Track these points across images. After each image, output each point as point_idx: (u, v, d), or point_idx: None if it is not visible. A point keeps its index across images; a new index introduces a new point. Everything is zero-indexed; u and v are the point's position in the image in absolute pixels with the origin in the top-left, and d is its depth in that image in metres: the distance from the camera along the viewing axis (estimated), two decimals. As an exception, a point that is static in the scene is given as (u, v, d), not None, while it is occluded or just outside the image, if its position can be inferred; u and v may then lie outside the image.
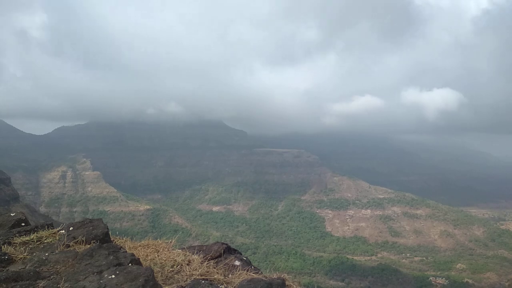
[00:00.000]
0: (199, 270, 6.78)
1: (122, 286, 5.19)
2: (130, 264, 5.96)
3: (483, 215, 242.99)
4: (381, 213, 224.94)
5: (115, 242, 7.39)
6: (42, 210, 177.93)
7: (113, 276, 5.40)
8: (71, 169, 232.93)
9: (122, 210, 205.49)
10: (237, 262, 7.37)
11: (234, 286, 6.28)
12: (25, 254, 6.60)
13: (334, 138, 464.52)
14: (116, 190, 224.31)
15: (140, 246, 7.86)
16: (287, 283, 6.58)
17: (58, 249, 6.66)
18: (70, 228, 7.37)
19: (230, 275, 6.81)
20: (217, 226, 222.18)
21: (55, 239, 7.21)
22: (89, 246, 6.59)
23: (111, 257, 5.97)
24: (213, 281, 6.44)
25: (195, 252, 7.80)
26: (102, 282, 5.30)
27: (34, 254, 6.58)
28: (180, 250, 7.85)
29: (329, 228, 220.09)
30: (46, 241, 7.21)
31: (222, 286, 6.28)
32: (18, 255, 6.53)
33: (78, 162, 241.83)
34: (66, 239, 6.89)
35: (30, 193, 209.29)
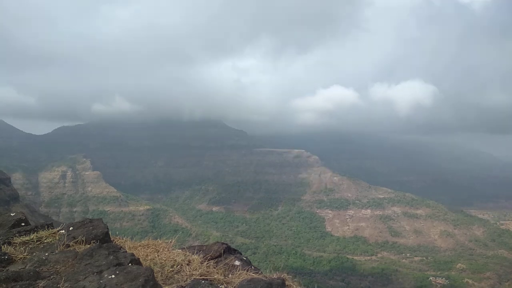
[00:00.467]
0: (199, 270, 6.78)
1: (122, 286, 5.19)
2: (130, 264, 5.96)
3: (483, 215, 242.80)
4: (381, 213, 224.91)
5: (115, 242, 7.40)
6: (42, 210, 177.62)
7: (113, 276, 5.40)
8: (71, 169, 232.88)
9: (122, 210, 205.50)
10: (237, 262, 7.38)
11: (234, 286, 6.28)
12: (25, 254, 6.61)
13: (334, 138, 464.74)
14: (116, 190, 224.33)
15: (140, 246, 7.87)
16: (287, 283, 6.59)
17: (58, 249, 6.66)
18: (70, 228, 7.37)
19: (230, 275, 6.82)
20: (217, 226, 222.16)
21: (55, 239, 7.21)
22: (89, 246, 6.59)
23: (111, 257, 5.97)
24: (213, 281, 6.44)
25: (195, 252, 7.81)
26: (102, 282, 5.30)
27: (34, 254, 6.59)
28: (180, 250, 7.85)
29: (329, 228, 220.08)
30: (46, 241, 7.22)
31: (222, 286, 6.28)
32: (18, 255, 6.53)
33: (78, 162, 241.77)
34: (66, 239, 6.89)
35: (30, 193, 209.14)
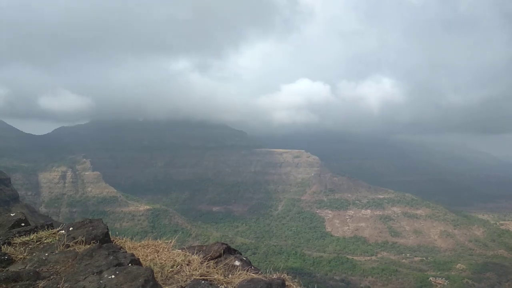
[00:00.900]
0: (199, 270, 6.78)
1: (122, 286, 5.19)
2: (130, 264, 5.97)
3: (483, 215, 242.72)
4: (381, 213, 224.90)
5: (115, 242, 7.40)
6: (42, 210, 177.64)
7: (113, 276, 5.40)
8: (71, 169, 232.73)
9: (122, 210, 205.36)
10: (237, 262, 7.37)
11: (234, 286, 6.28)
12: (25, 254, 6.61)
13: (334, 138, 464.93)
14: (116, 190, 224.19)
15: (140, 246, 7.86)
16: (287, 283, 6.59)
17: (58, 249, 6.66)
18: (70, 228, 7.38)
19: (230, 275, 6.81)
20: (217, 226, 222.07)
21: (55, 239, 7.21)
22: (89, 246, 6.59)
23: (111, 257, 5.97)
24: (213, 281, 6.44)
25: (195, 252, 7.80)
26: (102, 282, 5.30)
27: (34, 254, 6.59)
28: (180, 250, 7.85)
29: (329, 228, 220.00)
30: (46, 241, 7.22)
31: (222, 286, 6.28)
32: (18, 255, 6.54)
33: (78, 162, 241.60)
34: (66, 239, 6.89)
35: (30, 193, 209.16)
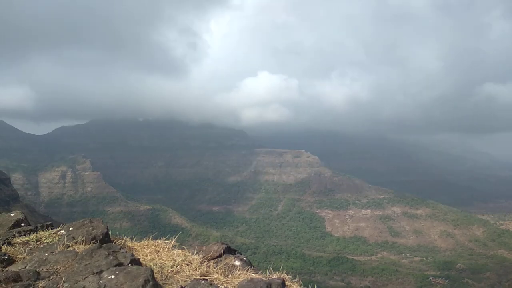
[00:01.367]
0: (199, 270, 6.78)
1: (122, 286, 5.19)
2: (129, 264, 5.97)
3: (483, 215, 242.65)
4: (381, 213, 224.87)
5: (115, 242, 7.40)
6: (42, 210, 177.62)
7: (112, 276, 5.41)
8: (71, 169, 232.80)
9: (122, 210, 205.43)
10: (237, 262, 7.37)
11: (234, 286, 6.28)
12: (25, 254, 6.62)
13: (334, 138, 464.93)
14: (116, 190, 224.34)
15: (140, 246, 7.86)
16: (287, 283, 6.59)
17: (58, 249, 6.66)
18: (70, 228, 7.38)
19: (230, 275, 6.81)
20: (217, 226, 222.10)
21: (55, 239, 7.22)
22: (88, 246, 6.59)
23: (111, 257, 5.98)
24: (213, 281, 6.44)
25: (195, 252, 7.81)
26: (101, 282, 5.30)
27: (34, 254, 6.59)
28: (179, 250, 7.84)
29: (329, 228, 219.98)
30: (46, 241, 7.22)
31: (222, 286, 6.29)
32: (18, 255, 6.54)
33: (78, 162, 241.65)
34: (65, 239, 6.90)
35: (30, 193, 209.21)
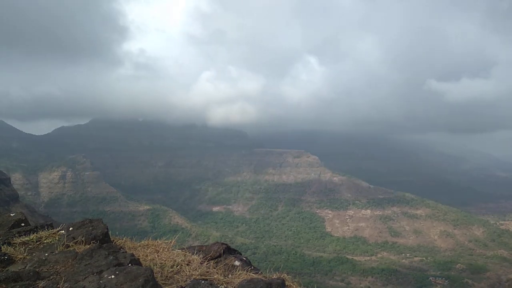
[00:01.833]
0: (199, 270, 6.78)
1: (122, 286, 5.20)
2: (130, 264, 5.97)
3: (483, 215, 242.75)
4: (381, 213, 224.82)
5: (115, 242, 7.40)
6: (42, 210, 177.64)
7: (112, 276, 5.41)
8: (71, 169, 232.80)
9: (122, 210, 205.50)
10: (236, 262, 7.38)
11: (234, 286, 6.28)
12: (25, 255, 6.61)
13: (334, 138, 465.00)
14: (116, 190, 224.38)
15: (140, 246, 7.87)
16: (287, 283, 6.59)
17: (58, 249, 6.67)
18: (70, 228, 7.38)
19: (230, 275, 6.82)
20: (217, 226, 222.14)
21: (55, 240, 7.21)
22: (88, 246, 6.59)
23: (111, 257, 5.98)
24: (213, 281, 6.44)
25: (195, 252, 7.81)
26: (101, 282, 5.30)
27: (34, 254, 6.59)
28: (179, 250, 7.85)
29: (329, 228, 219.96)
30: (46, 241, 7.22)
31: (222, 286, 6.29)
32: (18, 256, 6.54)
33: (78, 162, 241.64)
34: (65, 240, 6.90)
35: (30, 193, 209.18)
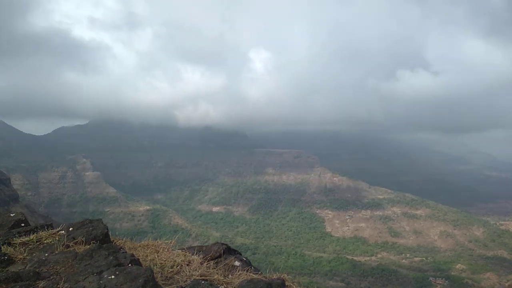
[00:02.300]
0: (199, 271, 6.78)
1: (122, 287, 5.19)
2: (130, 264, 5.97)
3: (483, 216, 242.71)
4: (381, 213, 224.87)
5: (115, 243, 7.40)
6: (42, 210, 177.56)
7: (112, 276, 5.41)
8: (71, 169, 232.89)
9: (122, 211, 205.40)
10: (237, 263, 7.38)
11: (234, 287, 6.28)
12: (24, 255, 6.61)
13: (334, 138, 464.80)
14: (116, 191, 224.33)
15: (140, 246, 7.87)
16: (287, 284, 6.59)
17: (58, 249, 6.66)
18: (70, 228, 7.38)
19: (230, 276, 6.82)
20: (217, 227, 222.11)
21: (55, 240, 7.21)
22: (88, 246, 6.59)
23: (111, 257, 5.98)
24: (213, 281, 6.44)
25: (195, 252, 7.81)
26: (101, 282, 5.30)
27: (34, 254, 6.59)
28: (180, 251, 7.86)
29: (329, 228, 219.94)
30: (45, 241, 7.22)
31: (222, 287, 6.29)
32: (18, 256, 6.53)
33: (78, 163, 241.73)
34: (65, 240, 6.90)
35: (29, 193, 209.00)
